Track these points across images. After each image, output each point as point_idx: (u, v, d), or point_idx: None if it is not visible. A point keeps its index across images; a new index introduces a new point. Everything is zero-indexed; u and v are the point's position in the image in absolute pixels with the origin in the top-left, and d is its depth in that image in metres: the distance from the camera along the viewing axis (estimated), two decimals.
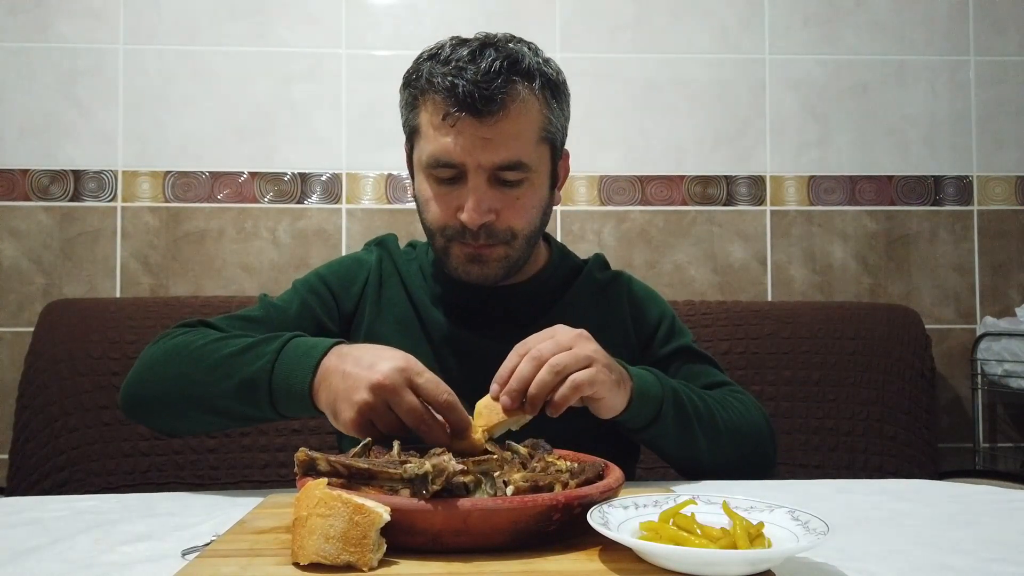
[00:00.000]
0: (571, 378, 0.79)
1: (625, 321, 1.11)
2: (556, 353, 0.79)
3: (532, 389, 0.77)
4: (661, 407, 0.91)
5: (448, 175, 0.95)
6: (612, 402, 0.84)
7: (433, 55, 0.96)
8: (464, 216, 0.94)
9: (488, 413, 0.78)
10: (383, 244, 1.15)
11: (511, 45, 0.96)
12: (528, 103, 0.94)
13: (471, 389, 1.00)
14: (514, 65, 0.93)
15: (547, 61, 0.99)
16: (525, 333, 1.03)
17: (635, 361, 1.04)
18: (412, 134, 1.00)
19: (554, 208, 1.20)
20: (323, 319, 1.07)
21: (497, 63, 0.91)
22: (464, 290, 1.05)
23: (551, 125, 0.98)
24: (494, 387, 0.79)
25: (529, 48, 0.98)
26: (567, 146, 1.06)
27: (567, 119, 1.03)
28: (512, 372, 0.79)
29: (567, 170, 1.09)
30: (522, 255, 1.01)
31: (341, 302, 1.09)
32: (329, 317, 1.08)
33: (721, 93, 2.01)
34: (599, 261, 1.15)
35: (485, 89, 0.90)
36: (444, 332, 1.05)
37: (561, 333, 0.82)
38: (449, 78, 0.91)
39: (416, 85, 0.96)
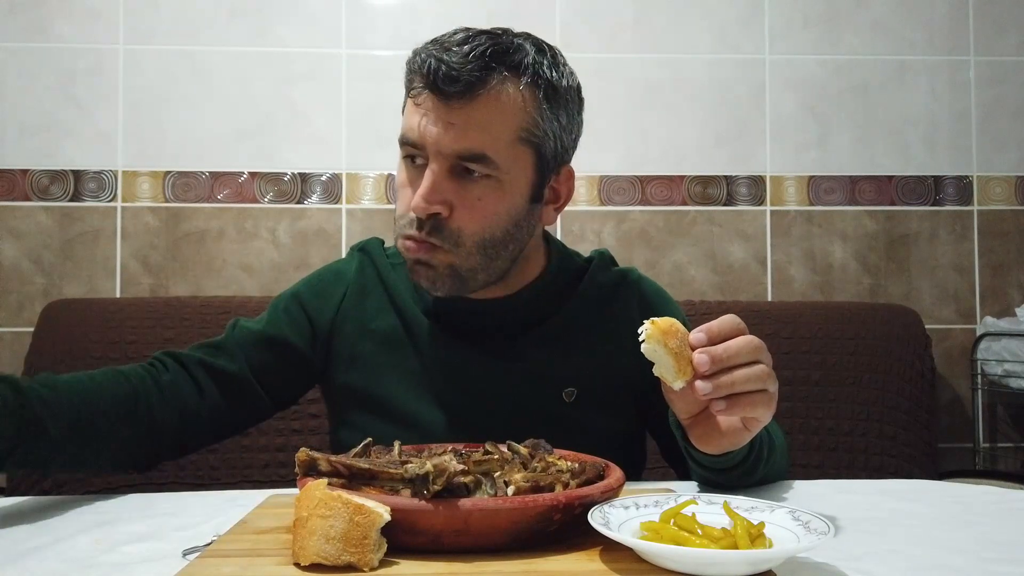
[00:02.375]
0: (770, 395, 0.70)
1: (635, 325, 1.02)
2: (768, 366, 0.70)
3: (737, 379, 0.67)
4: (749, 452, 0.82)
5: (412, 155, 0.89)
6: (739, 439, 0.75)
7: (434, 39, 0.90)
8: (413, 200, 0.86)
9: (665, 333, 0.68)
10: (366, 250, 1.06)
11: (516, 40, 0.88)
12: (505, 95, 0.86)
13: (465, 411, 0.95)
14: (502, 55, 0.85)
15: (556, 65, 0.90)
16: (524, 348, 0.97)
17: (644, 369, 0.98)
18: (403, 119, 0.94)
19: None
20: (294, 341, 1.01)
21: (481, 48, 0.84)
22: (457, 300, 0.97)
23: (537, 128, 0.88)
24: (700, 335, 0.68)
25: (538, 48, 0.90)
26: (573, 164, 0.97)
27: (567, 131, 0.94)
28: (725, 338, 0.69)
29: (569, 190, 0.98)
30: (476, 267, 0.90)
31: (316, 322, 1.02)
32: (301, 338, 1.01)
33: (721, 93, 2.01)
34: (603, 260, 1.05)
35: (455, 70, 0.83)
36: (435, 347, 0.97)
37: (767, 356, 0.71)
38: (428, 55, 0.85)
39: (409, 66, 0.91)
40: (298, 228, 1.93)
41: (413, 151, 0.89)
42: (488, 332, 0.98)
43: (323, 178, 1.94)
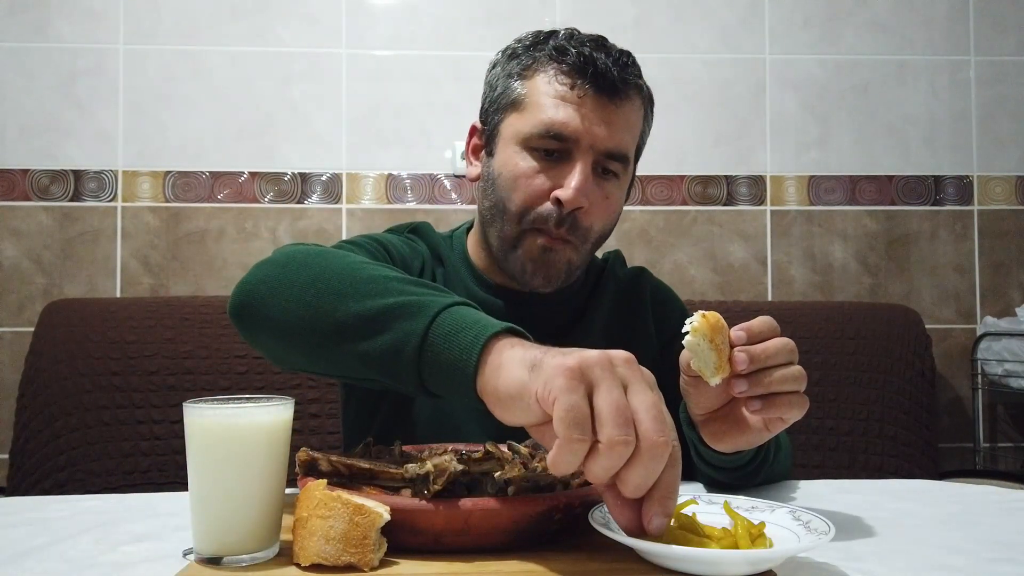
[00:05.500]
0: (802, 398, 0.69)
1: (647, 321, 1.07)
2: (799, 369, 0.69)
3: (775, 379, 0.67)
4: (757, 452, 0.82)
5: (553, 147, 0.89)
6: (756, 440, 0.72)
7: (548, 35, 0.95)
8: (565, 193, 0.87)
9: (713, 328, 0.65)
10: (423, 234, 1.03)
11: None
12: (639, 102, 0.95)
13: None
14: (635, 64, 0.94)
15: None
16: (557, 343, 0.99)
17: (654, 362, 1.00)
18: (509, 106, 0.93)
19: None
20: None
21: (622, 53, 0.92)
22: (498, 295, 0.99)
23: (643, 133, 0.98)
24: (740, 333, 0.67)
25: None
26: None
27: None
28: (763, 338, 0.68)
29: None
30: (583, 262, 0.96)
31: None
32: None
33: (721, 93, 2.01)
34: (618, 259, 1.12)
35: (621, 70, 0.90)
36: None
37: (797, 359, 0.71)
38: (587, 49, 0.89)
39: (532, 55, 0.93)
40: (298, 228, 1.93)
41: (557, 144, 0.89)
42: (526, 325, 0.98)
43: (323, 178, 1.94)
